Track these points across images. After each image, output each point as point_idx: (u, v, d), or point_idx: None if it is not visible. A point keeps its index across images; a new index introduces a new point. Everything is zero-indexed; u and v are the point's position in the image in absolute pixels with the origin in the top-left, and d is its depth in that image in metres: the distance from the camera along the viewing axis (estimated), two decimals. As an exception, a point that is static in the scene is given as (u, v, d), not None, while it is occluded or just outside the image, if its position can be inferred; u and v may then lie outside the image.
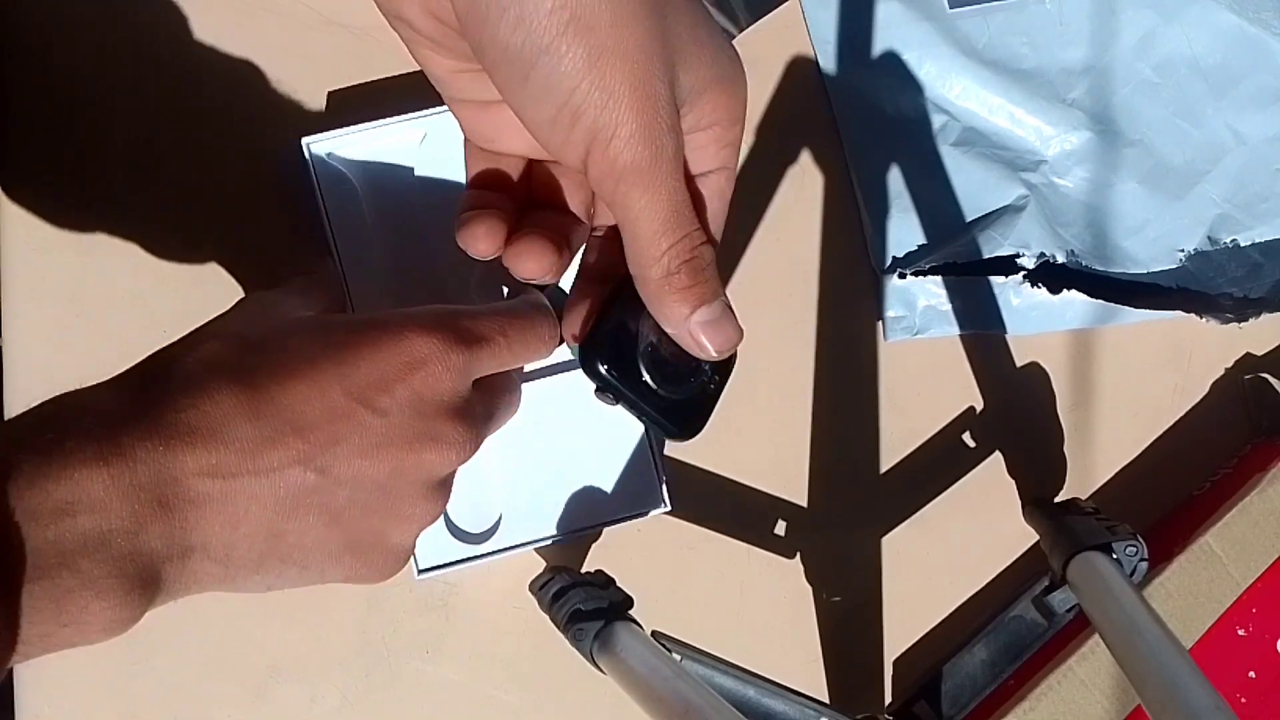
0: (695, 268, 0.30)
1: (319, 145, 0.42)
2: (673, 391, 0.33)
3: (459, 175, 0.40)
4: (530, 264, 0.33)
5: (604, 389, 0.33)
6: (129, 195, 0.46)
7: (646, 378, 0.32)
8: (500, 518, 0.42)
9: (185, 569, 0.29)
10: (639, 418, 0.33)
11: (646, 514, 0.42)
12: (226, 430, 0.29)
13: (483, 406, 0.34)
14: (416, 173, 0.42)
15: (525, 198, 0.35)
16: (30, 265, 0.45)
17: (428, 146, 0.42)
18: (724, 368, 0.34)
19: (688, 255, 0.30)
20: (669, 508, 0.41)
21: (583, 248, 0.35)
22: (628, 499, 0.41)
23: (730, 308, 0.32)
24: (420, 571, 0.42)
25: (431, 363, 0.32)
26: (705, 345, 0.31)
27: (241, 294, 0.45)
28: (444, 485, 0.34)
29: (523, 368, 0.39)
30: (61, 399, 0.29)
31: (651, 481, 0.41)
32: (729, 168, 0.32)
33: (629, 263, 0.31)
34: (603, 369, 0.32)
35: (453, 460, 0.32)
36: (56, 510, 0.26)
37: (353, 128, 0.42)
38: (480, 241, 0.33)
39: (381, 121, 0.42)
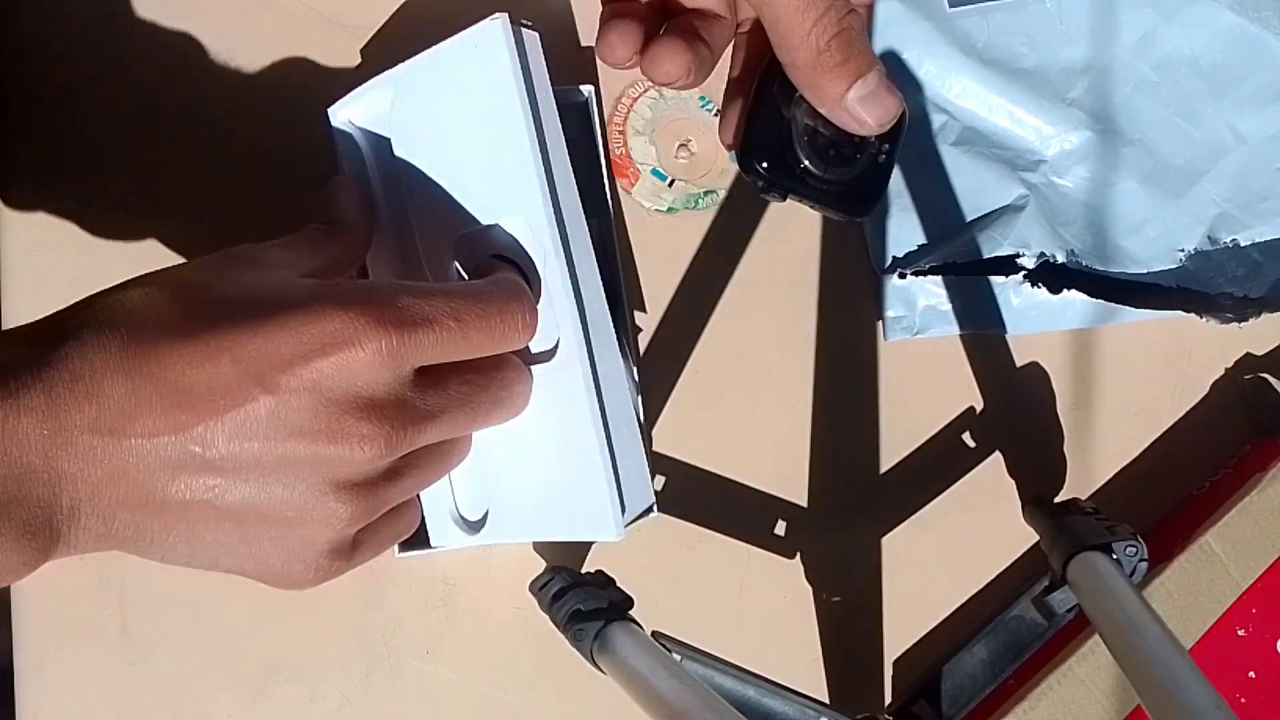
0: (846, 40, 0.28)
1: (342, 112, 0.39)
2: (841, 174, 0.31)
3: (433, 140, 0.37)
4: (666, 65, 0.30)
5: (769, 188, 0.31)
6: (129, 195, 0.46)
7: (810, 166, 0.31)
8: (487, 512, 0.39)
9: (77, 523, 0.28)
10: (812, 207, 0.31)
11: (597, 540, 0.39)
12: (101, 385, 0.27)
13: (424, 400, 0.30)
14: (393, 136, 0.38)
15: (661, 9, 0.33)
16: (30, 265, 0.45)
17: (400, 107, 0.37)
18: (892, 135, 0.31)
19: (836, 28, 0.28)
20: (621, 538, 0.36)
21: (729, 50, 0.33)
22: (573, 517, 0.37)
23: (885, 74, 0.29)
24: (401, 550, 0.40)
25: (346, 345, 0.28)
26: (865, 120, 0.29)
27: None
28: (359, 488, 0.30)
29: (530, 351, 0.35)
30: None
31: (603, 501, 0.36)
32: None
33: (775, 49, 0.29)
34: (762, 169, 0.31)
35: (360, 459, 0.29)
36: None
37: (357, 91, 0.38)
38: (616, 49, 0.31)
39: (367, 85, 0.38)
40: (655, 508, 0.37)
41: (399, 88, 0.37)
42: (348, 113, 0.40)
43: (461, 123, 0.35)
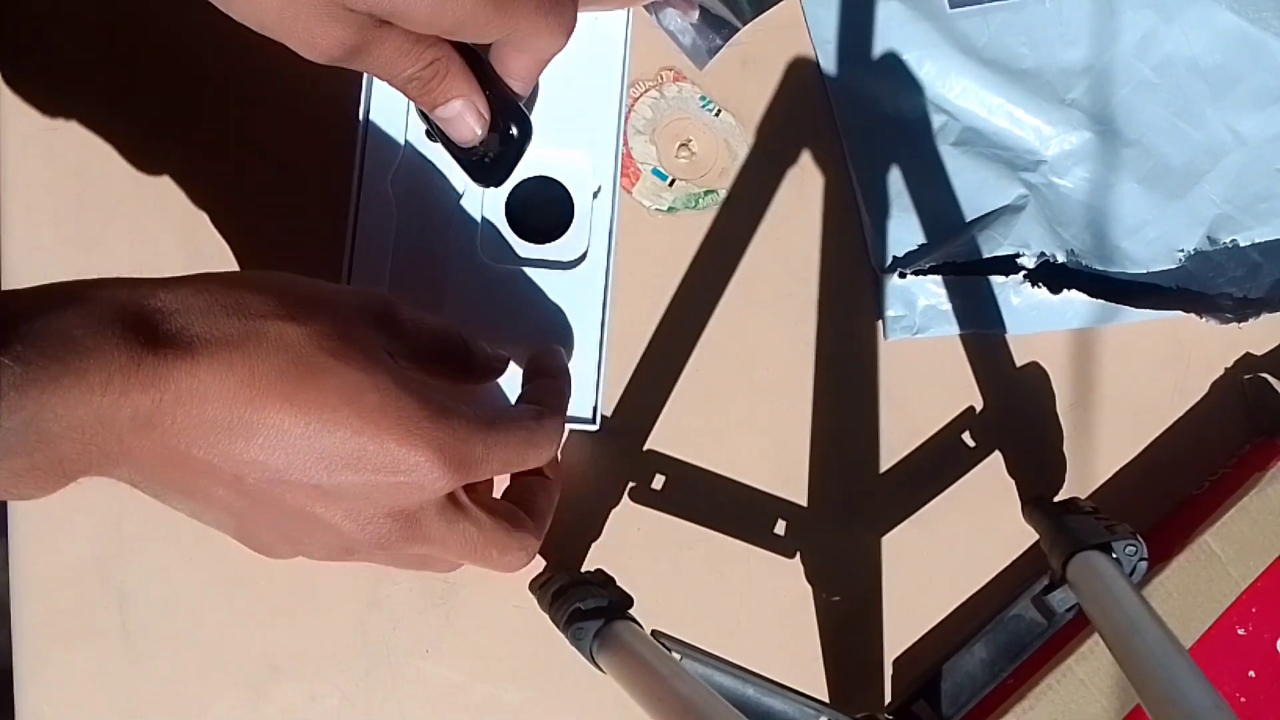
0: (423, 80, 0.36)
1: None
2: (466, 153, 0.39)
3: None
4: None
5: (429, 136, 0.41)
6: (130, 194, 0.46)
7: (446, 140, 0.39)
8: None
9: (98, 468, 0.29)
10: (458, 162, 0.40)
11: (574, 424, 0.42)
12: (201, 411, 0.29)
13: (433, 526, 0.34)
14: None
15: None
16: (30, 265, 0.45)
17: None
18: (515, 139, 0.39)
19: (416, 71, 0.35)
20: (596, 428, 0.42)
21: None
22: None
23: (471, 108, 0.37)
24: None
25: (406, 480, 0.32)
26: (453, 134, 0.38)
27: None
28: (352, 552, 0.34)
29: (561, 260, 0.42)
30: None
31: (588, 394, 0.42)
32: None
33: None
34: (425, 125, 0.40)
35: (357, 539, 0.32)
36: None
37: None
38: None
39: None
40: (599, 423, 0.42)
41: None
42: None
43: (556, 61, 0.40)
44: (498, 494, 0.40)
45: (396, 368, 0.32)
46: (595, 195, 0.42)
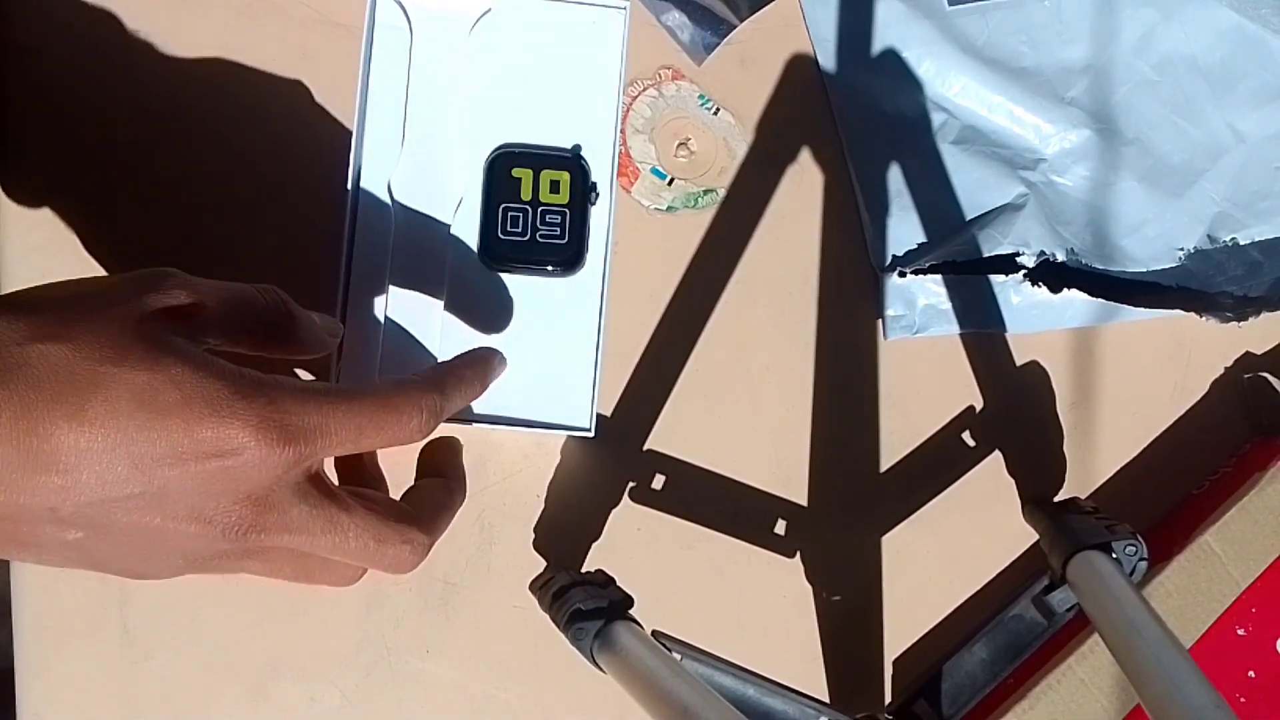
0: None
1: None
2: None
3: (515, 65, 0.41)
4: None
5: None
6: (129, 196, 0.46)
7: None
8: None
9: None
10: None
11: (569, 431, 0.41)
12: None
13: (292, 510, 0.31)
14: (469, 46, 0.41)
15: None
16: (30, 265, 0.45)
17: (482, 32, 0.41)
18: None
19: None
20: (592, 434, 0.41)
21: None
22: (555, 409, 0.41)
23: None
24: None
25: (234, 454, 0.29)
26: None
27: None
28: (206, 560, 0.32)
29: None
30: None
31: (584, 401, 0.41)
32: None
33: None
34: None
35: (207, 540, 0.30)
36: None
37: None
38: None
39: None
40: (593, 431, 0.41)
41: (498, 12, 0.42)
42: (420, 3, 0.41)
43: (554, 64, 0.42)
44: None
45: (192, 353, 0.30)
46: (593, 200, 0.42)
